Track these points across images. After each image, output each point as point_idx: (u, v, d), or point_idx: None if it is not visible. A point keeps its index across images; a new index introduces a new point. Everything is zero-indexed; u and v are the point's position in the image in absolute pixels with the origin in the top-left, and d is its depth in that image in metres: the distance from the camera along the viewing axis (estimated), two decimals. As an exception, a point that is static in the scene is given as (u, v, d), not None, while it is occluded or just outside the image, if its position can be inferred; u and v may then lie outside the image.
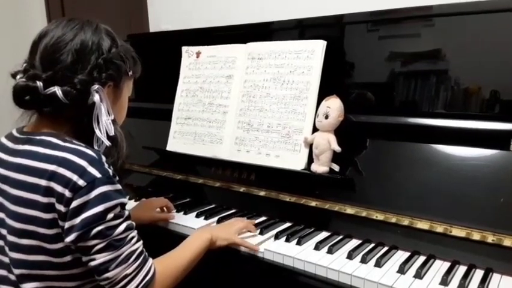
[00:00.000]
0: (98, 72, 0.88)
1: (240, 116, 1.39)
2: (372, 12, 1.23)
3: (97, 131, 0.88)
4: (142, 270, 0.86)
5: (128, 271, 0.84)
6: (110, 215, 0.82)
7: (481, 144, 1.03)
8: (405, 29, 1.19)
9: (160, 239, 1.28)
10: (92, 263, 0.83)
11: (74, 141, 0.86)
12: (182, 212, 1.32)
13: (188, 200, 1.43)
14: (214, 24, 1.62)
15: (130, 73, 0.97)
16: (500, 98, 1.07)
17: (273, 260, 1.06)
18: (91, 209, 0.80)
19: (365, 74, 1.26)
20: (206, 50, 1.53)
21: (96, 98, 0.86)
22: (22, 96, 0.85)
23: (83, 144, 0.86)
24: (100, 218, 0.81)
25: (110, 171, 0.85)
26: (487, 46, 1.07)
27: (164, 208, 1.34)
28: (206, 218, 1.27)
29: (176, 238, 1.24)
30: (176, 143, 1.54)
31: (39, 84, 0.84)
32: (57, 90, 0.84)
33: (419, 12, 1.16)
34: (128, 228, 0.85)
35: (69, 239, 0.81)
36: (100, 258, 0.82)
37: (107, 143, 0.89)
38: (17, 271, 0.86)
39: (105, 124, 0.88)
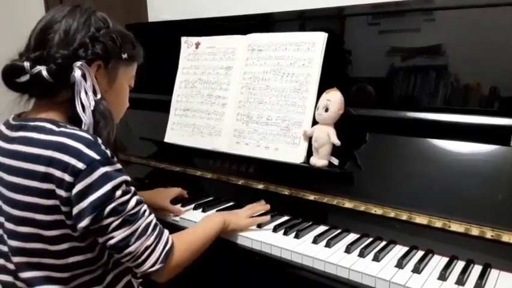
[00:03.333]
0: (84, 50, 0.87)
1: (239, 108, 1.38)
2: (374, 5, 1.22)
3: (78, 107, 0.86)
4: (161, 240, 0.88)
5: (148, 242, 0.85)
6: (119, 192, 0.82)
7: (481, 139, 1.03)
8: (407, 22, 1.18)
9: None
10: (112, 241, 0.83)
11: (68, 126, 0.86)
12: (180, 204, 1.31)
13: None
14: (214, 15, 1.60)
15: (125, 56, 0.94)
16: (500, 93, 1.06)
17: (271, 253, 1.06)
18: (98, 190, 0.80)
19: (366, 67, 1.25)
20: (205, 41, 1.51)
21: (77, 73, 0.85)
22: (10, 77, 0.85)
23: (77, 128, 0.85)
24: (109, 197, 0.81)
25: (108, 152, 0.84)
26: (488, 41, 1.06)
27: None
28: (204, 211, 1.26)
29: (173, 230, 1.24)
30: (174, 135, 1.52)
31: (26, 64, 0.84)
32: (42, 69, 0.84)
33: (420, 5, 1.15)
34: (138, 202, 0.86)
35: (83, 223, 0.80)
36: (119, 235, 0.83)
37: (85, 119, 0.86)
38: (15, 259, 0.86)
39: (84, 100, 0.86)
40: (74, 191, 0.80)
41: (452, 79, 1.12)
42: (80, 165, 0.80)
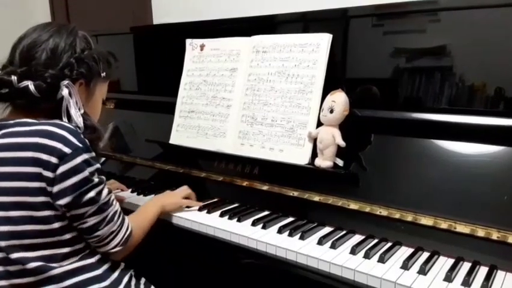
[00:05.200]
0: (70, 69, 0.96)
1: (243, 109, 1.38)
2: (378, 6, 1.22)
3: (64, 120, 0.95)
4: (123, 226, 1.02)
5: (114, 228, 0.99)
6: (96, 179, 0.93)
7: (486, 140, 1.02)
8: (412, 23, 1.18)
9: (160, 231, 1.28)
10: (85, 225, 0.94)
11: (47, 120, 0.94)
12: (185, 206, 1.32)
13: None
14: (219, 17, 1.61)
15: (103, 75, 1.05)
16: (506, 93, 1.06)
17: (276, 255, 1.06)
18: (79, 174, 0.90)
19: (371, 68, 1.25)
20: (210, 43, 1.52)
21: (65, 92, 0.94)
22: None
23: (58, 120, 0.94)
24: (88, 180, 0.91)
25: (87, 141, 0.94)
26: (494, 41, 1.06)
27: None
28: (208, 212, 1.27)
29: (180, 231, 1.24)
30: (179, 137, 1.53)
31: (14, 78, 0.92)
32: (30, 84, 0.91)
33: (425, 6, 1.15)
34: (109, 192, 0.98)
35: (62, 201, 0.89)
36: (92, 221, 0.94)
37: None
38: (3, 243, 0.90)
39: (74, 116, 0.96)
40: (58, 171, 0.88)
41: (458, 80, 1.12)
42: (66, 150, 0.89)
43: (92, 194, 0.92)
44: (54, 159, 0.88)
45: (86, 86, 1.02)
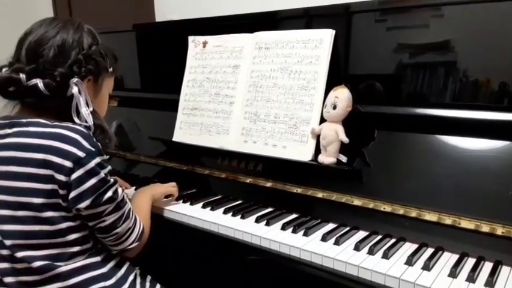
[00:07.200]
0: (78, 66, 0.95)
1: (246, 106, 1.38)
2: (381, 1, 1.21)
3: (76, 120, 0.95)
4: (137, 222, 1.05)
5: (130, 224, 1.01)
6: (111, 179, 0.94)
7: (490, 135, 1.02)
8: (415, 18, 1.17)
9: (165, 229, 1.28)
10: (103, 224, 0.95)
11: (60, 122, 0.93)
12: (188, 203, 1.32)
13: (194, 190, 1.43)
14: (221, 14, 1.60)
15: (110, 70, 1.04)
16: (510, 88, 1.05)
17: (280, 251, 1.06)
18: (96, 176, 0.91)
19: (374, 64, 1.24)
20: (213, 40, 1.51)
21: (75, 90, 0.94)
22: (6, 87, 0.92)
23: (70, 123, 0.94)
24: (105, 181, 0.93)
25: (99, 144, 0.94)
26: (497, 36, 1.05)
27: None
28: (212, 209, 1.27)
29: (184, 229, 1.24)
30: (182, 134, 1.53)
31: (22, 76, 0.91)
32: (39, 82, 0.91)
33: (428, 1, 1.14)
34: (121, 191, 0.99)
35: (83, 204, 0.90)
36: (110, 219, 0.95)
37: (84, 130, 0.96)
38: (9, 242, 0.90)
39: (84, 114, 0.95)
40: (74, 176, 0.89)
41: (461, 75, 1.11)
42: (80, 154, 0.89)
43: (110, 193, 0.93)
44: (68, 163, 0.88)
45: (94, 82, 1.01)
